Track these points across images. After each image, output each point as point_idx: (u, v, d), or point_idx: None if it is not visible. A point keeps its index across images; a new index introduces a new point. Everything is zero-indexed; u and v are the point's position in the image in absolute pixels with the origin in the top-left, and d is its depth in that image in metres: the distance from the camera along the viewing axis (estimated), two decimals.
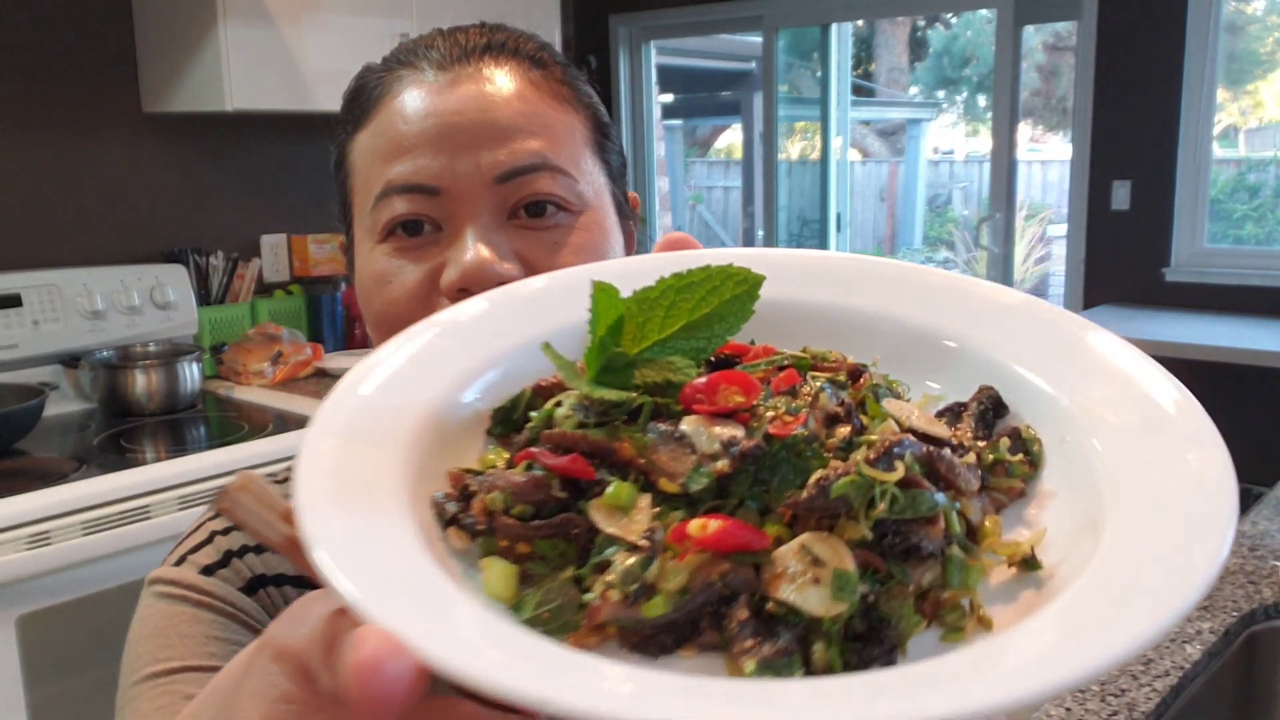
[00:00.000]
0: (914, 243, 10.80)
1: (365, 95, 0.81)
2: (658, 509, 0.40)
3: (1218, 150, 5.61)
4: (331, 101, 0.88)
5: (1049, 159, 10.71)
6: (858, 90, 10.24)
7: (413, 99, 0.77)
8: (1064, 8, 5.65)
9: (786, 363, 0.47)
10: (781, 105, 6.93)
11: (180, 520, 2.28)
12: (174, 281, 3.08)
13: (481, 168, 0.75)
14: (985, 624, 0.40)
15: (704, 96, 10.87)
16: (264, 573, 0.80)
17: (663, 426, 0.42)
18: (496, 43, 0.81)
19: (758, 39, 6.86)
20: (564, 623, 0.38)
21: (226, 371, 3.16)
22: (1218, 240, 5.45)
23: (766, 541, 0.38)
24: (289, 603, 0.77)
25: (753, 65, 9.20)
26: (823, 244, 7.13)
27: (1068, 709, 1.23)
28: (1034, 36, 9.57)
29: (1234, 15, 5.63)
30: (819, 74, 7.16)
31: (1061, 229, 6.67)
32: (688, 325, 0.46)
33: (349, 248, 0.85)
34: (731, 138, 11.77)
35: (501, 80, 0.78)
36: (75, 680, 2.24)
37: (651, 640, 0.38)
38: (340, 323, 3.52)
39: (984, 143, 9.24)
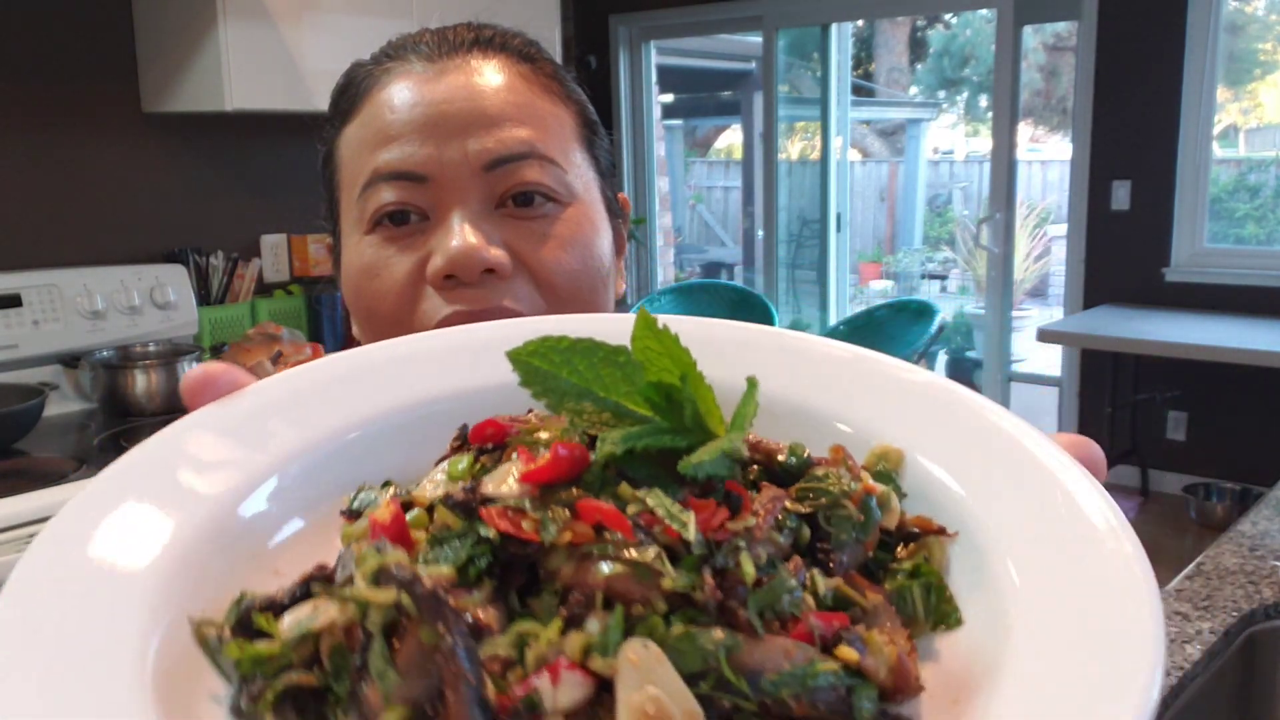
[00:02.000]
0: (914, 243, 10.80)
1: (353, 89, 0.80)
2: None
3: (1218, 150, 5.61)
4: None
5: (1049, 159, 10.71)
6: (858, 90, 10.24)
7: (400, 89, 0.76)
8: (1064, 8, 5.65)
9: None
10: (781, 105, 6.93)
11: None
12: (174, 281, 3.08)
13: (469, 155, 0.74)
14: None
15: (704, 96, 10.87)
16: None
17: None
18: (485, 38, 0.80)
19: (758, 39, 6.86)
20: None
21: None
22: (1218, 240, 5.45)
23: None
24: None
25: (753, 65, 9.20)
26: (822, 244, 7.13)
27: None
28: (1034, 37, 9.57)
29: (1234, 15, 5.63)
30: (819, 74, 7.16)
31: (1061, 229, 6.67)
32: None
33: (335, 245, 0.83)
34: (731, 138, 11.77)
35: (490, 72, 0.77)
36: None
37: None
38: (340, 323, 3.51)
39: (984, 143, 9.24)
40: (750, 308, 6.92)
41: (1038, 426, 0.44)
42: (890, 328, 6.47)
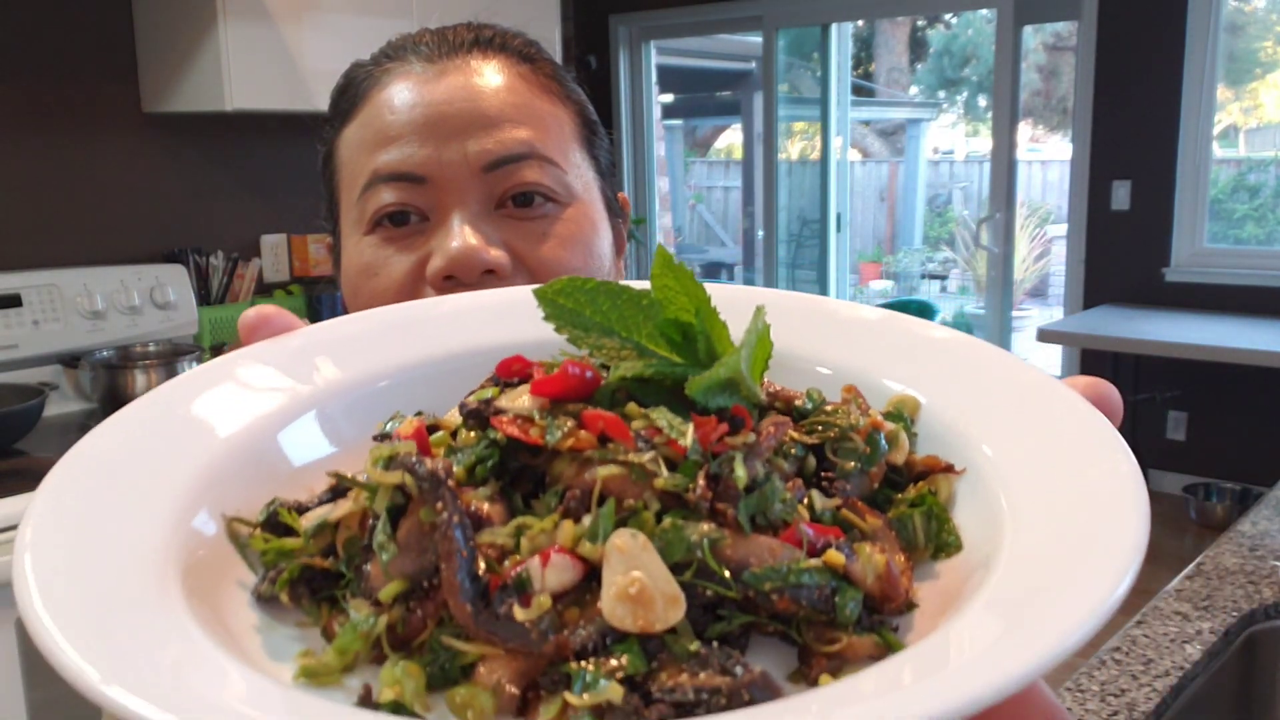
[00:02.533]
0: (914, 243, 10.80)
1: (352, 90, 0.80)
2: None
3: (1218, 150, 5.61)
4: None
5: (1049, 159, 10.71)
6: (858, 90, 10.24)
7: (400, 90, 0.76)
8: (1064, 8, 5.65)
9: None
10: (781, 105, 6.93)
11: None
12: (174, 281, 3.08)
13: (469, 156, 0.74)
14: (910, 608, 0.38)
15: (704, 96, 10.87)
16: None
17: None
18: (484, 38, 0.80)
19: (758, 39, 6.86)
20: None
21: None
22: (1218, 240, 5.45)
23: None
24: None
25: (753, 65, 9.20)
26: (823, 244, 7.13)
27: (1068, 709, 1.23)
28: (1034, 37, 9.57)
29: (1234, 14, 5.64)
30: (819, 74, 7.16)
31: (1061, 229, 6.67)
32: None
33: (335, 245, 0.83)
34: (731, 138, 11.78)
35: (489, 72, 0.78)
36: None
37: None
38: None
39: (984, 143, 9.24)
40: None
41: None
42: None
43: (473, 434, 0.42)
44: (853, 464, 0.42)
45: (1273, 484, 2.02)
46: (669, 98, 10.31)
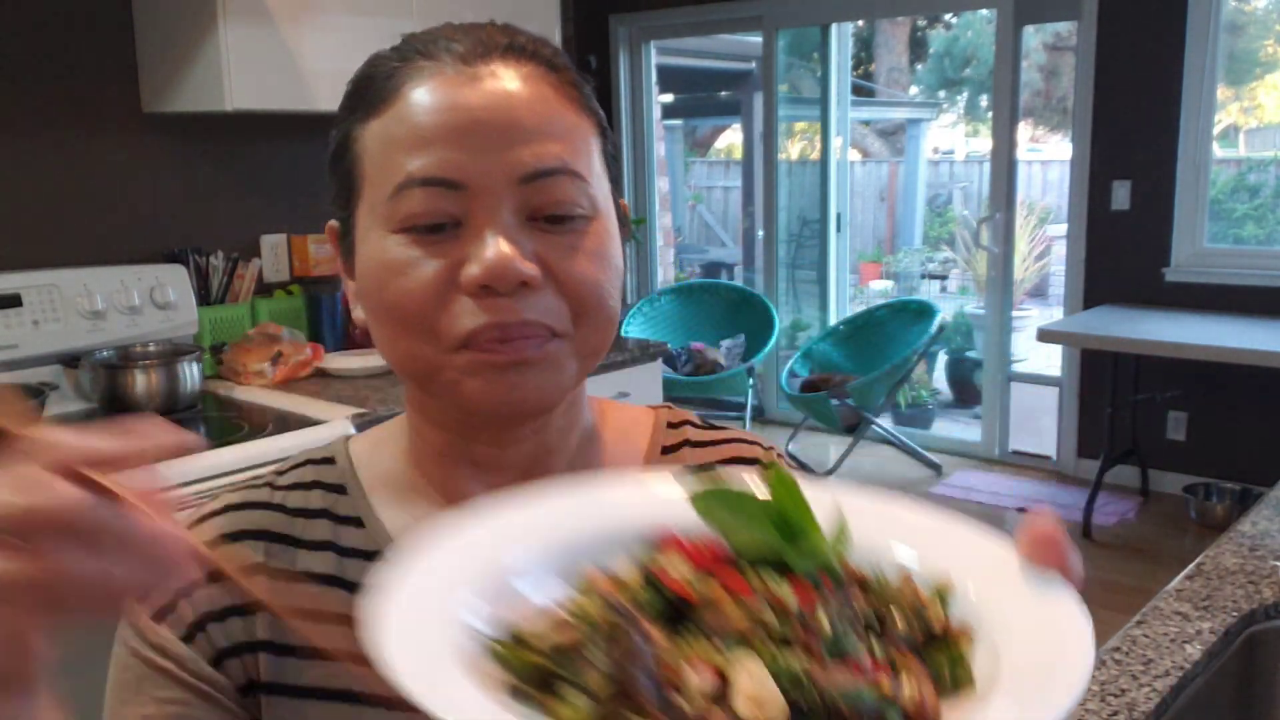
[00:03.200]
0: (914, 243, 10.80)
1: (379, 82, 0.80)
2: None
3: (1218, 150, 5.62)
4: (331, 101, 0.87)
5: (1049, 159, 10.72)
6: (858, 90, 10.24)
7: (434, 90, 0.76)
8: (1064, 8, 5.65)
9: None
10: (781, 105, 6.93)
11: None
12: (174, 281, 3.08)
13: (506, 165, 0.74)
14: None
15: (704, 96, 10.88)
16: (207, 610, 0.82)
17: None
18: (518, 44, 0.80)
19: (758, 39, 6.86)
20: None
21: (226, 371, 3.15)
22: (1218, 240, 5.46)
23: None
24: (225, 638, 0.81)
25: (753, 65, 9.20)
26: (822, 244, 7.13)
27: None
28: (1034, 37, 9.57)
29: (1234, 14, 5.64)
30: (819, 74, 7.16)
31: (1061, 229, 6.67)
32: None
33: (345, 235, 0.83)
34: (731, 138, 11.79)
35: (523, 81, 0.78)
36: (73, 682, 2.24)
37: None
38: (340, 323, 3.51)
39: (984, 143, 9.25)
40: (750, 308, 6.93)
41: (1038, 426, 0.54)
42: (890, 328, 6.47)
43: (645, 584, 0.58)
44: (902, 625, 0.57)
45: (1273, 484, 2.02)
46: (669, 98, 10.31)
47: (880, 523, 0.67)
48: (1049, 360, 6.18)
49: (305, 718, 0.81)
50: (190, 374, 2.86)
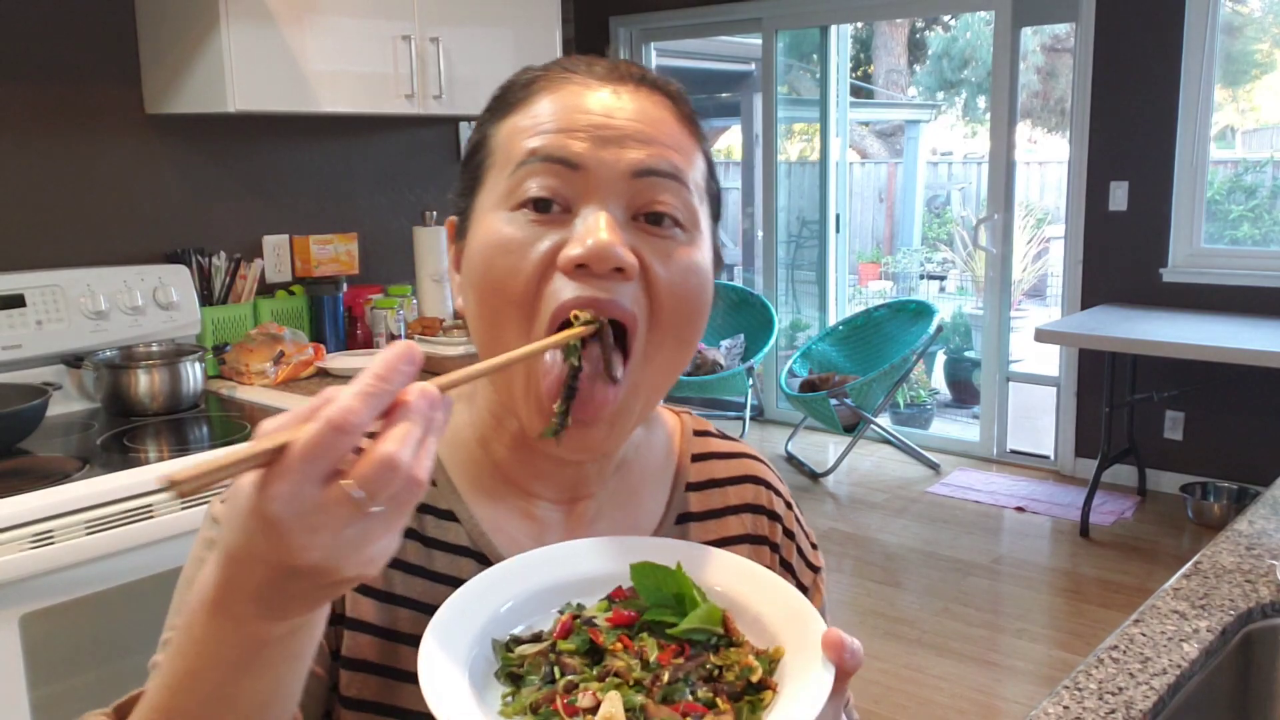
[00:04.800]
0: (912, 244, 10.81)
1: (523, 87, 0.86)
2: None
3: (1215, 151, 5.63)
4: (333, 103, 0.92)
5: (1047, 160, 10.72)
6: (856, 92, 10.25)
7: (573, 93, 0.83)
8: (1062, 10, 5.66)
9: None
10: (781, 106, 6.94)
11: (182, 520, 2.29)
12: (176, 282, 3.09)
13: (622, 158, 0.80)
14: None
15: (704, 98, 10.87)
16: None
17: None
18: (649, 78, 0.87)
19: (757, 41, 6.87)
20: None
21: (229, 371, 3.16)
22: (1214, 240, 5.47)
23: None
24: None
25: (752, 67, 9.21)
26: (821, 244, 7.14)
27: (1065, 707, 1.24)
28: (1032, 38, 9.58)
29: (1231, 16, 5.65)
30: (818, 75, 7.17)
31: (1059, 229, 6.68)
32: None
33: (460, 226, 0.88)
34: (731, 139, 11.78)
35: (652, 104, 0.85)
36: (78, 679, 2.25)
37: None
38: (342, 323, 3.52)
39: (982, 144, 9.25)
40: (750, 308, 6.94)
41: (1036, 426, 0.58)
42: (889, 328, 6.48)
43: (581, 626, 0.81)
44: (731, 677, 0.76)
45: (1270, 483, 2.04)
46: None
47: (754, 588, 0.85)
48: (1047, 360, 6.19)
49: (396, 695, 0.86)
50: (193, 374, 2.87)
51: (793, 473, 6.06)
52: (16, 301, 2.79)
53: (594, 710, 0.72)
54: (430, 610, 0.76)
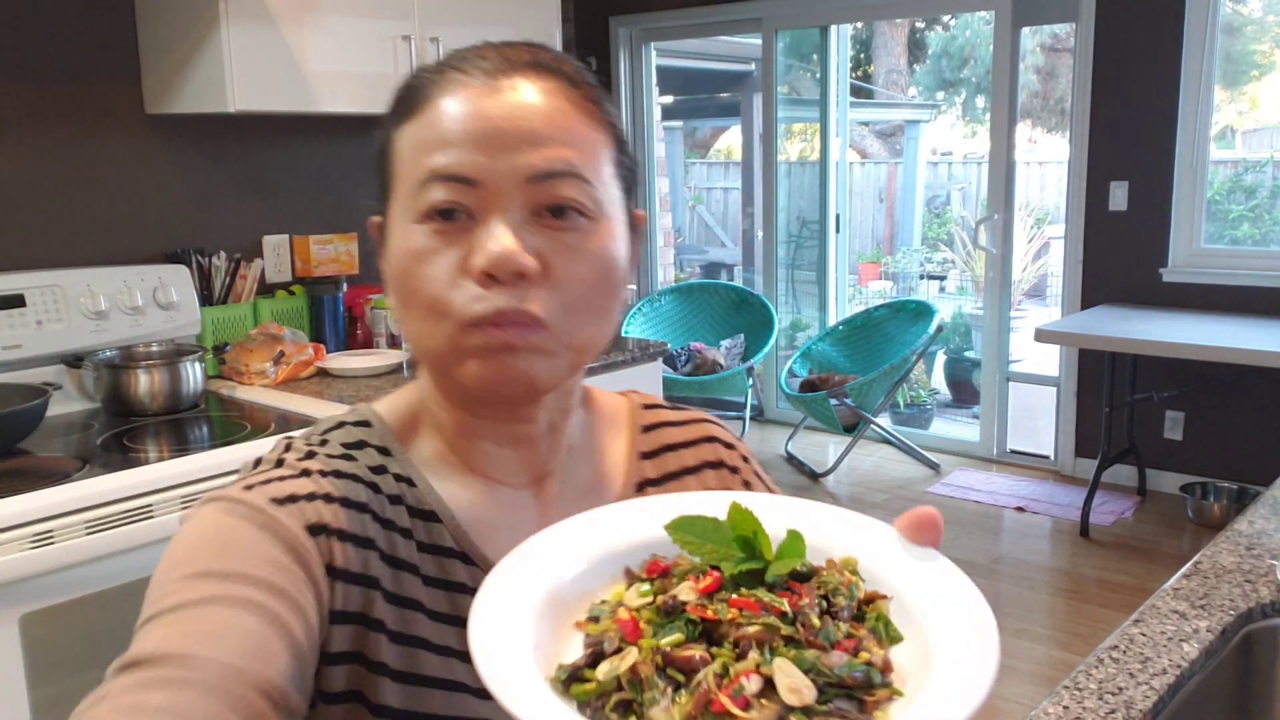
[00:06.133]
0: (912, 244, 10.81)
1: (416, 92, 0.88)
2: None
3: (1215, 151, 5.63)
4: (333, 102, 0.93)
5: (1047, 160, 10.72)
6: (856, 92, 10.25)
7: (461, 100, 0.85)
8: (1062, 9, 5.66)
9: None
10: (781, 106, 6.94)
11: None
12: (176, 282, 3.09)
13: (516, 167, 0.83)
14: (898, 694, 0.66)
15: (704, 98, 10.88)
16: (330, 524, 0.84)
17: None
18: (542, 61, 0.89)
19: (757, 41, 6.87)
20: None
21: (229, 371, 3.16)
22: (1214, 240, 5.47)
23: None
24: (341, 557, 0.83)
25: (752, 67, 9.21)
26: (821, 244, 7.14)
27: (1065, 707, 1.25)
28: (1031, 38, 9.58)
29: (1231, 17, 5.65)
30: (818, 75, 7.17)
31: (1059, 229, 6.67)
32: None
33: (384, 225, 0.91)
34: (731, 139, 11.79)
35: (542, 94, 0.86)
36: (78, 679, 2.25)
37: None
38: (342, 323, 3.52)
39: (982, 144, 9.25)
40: (750, 308, 6.94)
41: (1036, 426, 0.59)
42: (889, 328, 6.49)
43: (656, 616, 0.71)
44: (843, 600, 0.71)
45: (1270, 483, 2.04)
46: (669, 99, 10.32)
47: (790, 519, 0.79)
48: (1047, 360, 6.19)
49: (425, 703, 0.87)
50: (193, 374, 2.87)
51: (793, 473, 6.06)
52: (16, 301, 2.79)
53: (764, 694, 0.63)
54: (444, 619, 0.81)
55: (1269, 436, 5.07)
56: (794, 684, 0.64)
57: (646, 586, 0.73)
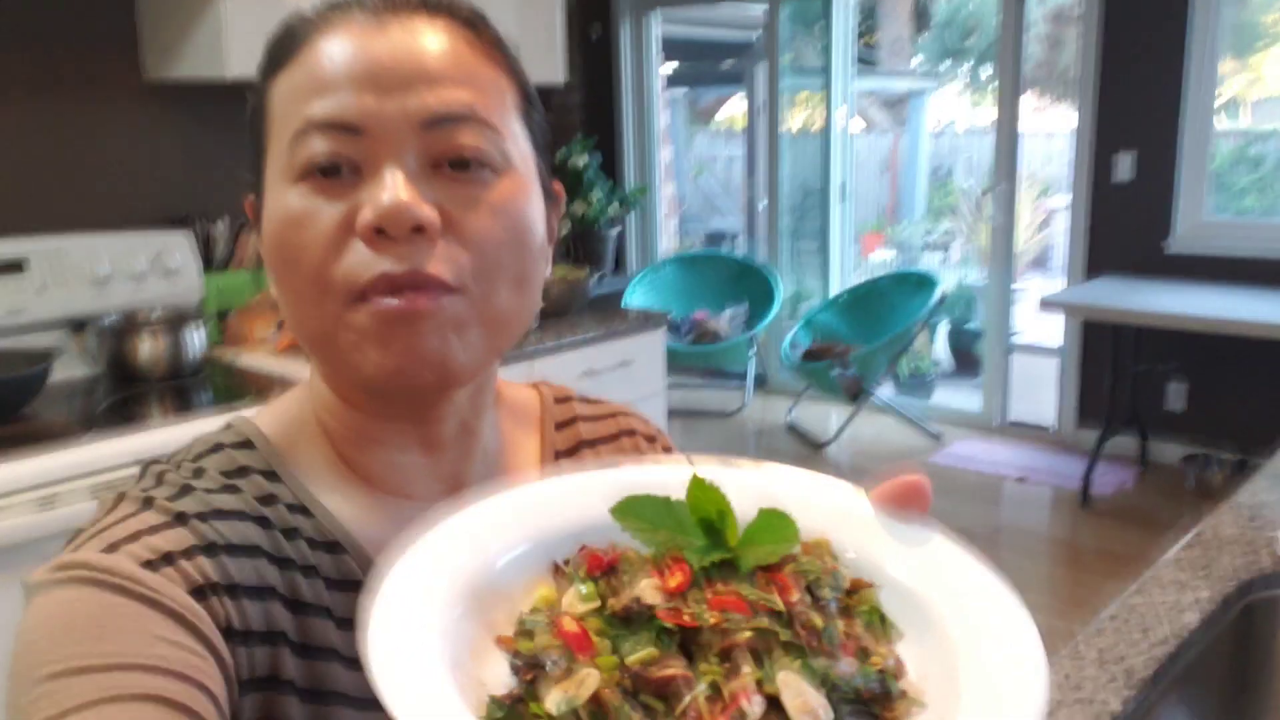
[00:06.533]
0: (916, 214, 10.78)
1: (289, 39, 0.76)
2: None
3: (1221, 122, 5.60)
4: None
5: (1052, 130, 10.67)
6: (861, 61, 10.19)
7: (340, 39, 0.73)
8: None
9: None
10: (785, 75, 6.91)
11: None
12: (179, 248, 3.08)
13: (408, 111, 0.71)
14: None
15: (707, 66, 10.82)
16: (218, 581, 0.69)
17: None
18: (431, 0, 0.77)
19: (761, 8, 6.83)
20: None
21: (231, 337, 3.16)
22: (1219, 212, 5.45)
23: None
24: (238, 617, 0.69)
25: (756, 35, 9.16)
26: (824, 214, 7.12)
27: (1066, 676, 1.25)
28: (1037, 8, 9.51)
29: None
30: (822, 44, 7.12)
31: (1063, 200, 6.65)
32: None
33: (256, 203, 0.78)
34: (734, 108, 11.73)
35: (434, 32, 0.74)
36: None
37: None
38: None
39: (987, 114, 9.21)
40: (752, 277, 6.93)
41: (1039, 396, 0.54)
42: (892, 298, 6.48)
43: (606, 627, 0.57)
44: (829, 591, 0.60)
45: (1272, 454, 2.04)
46: (672, 67, 10.26)
47: (755, 493, 0.66)
48: (1050, 331, 6.19)
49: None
50: (195, 340, 2.87)
51: (795, 442, 6.07)
52: (18, 266, 2.79)
53: (768, 718, 0.52)
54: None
55: (1272, 408, 5.07)
56: (807, 702, 0.52)
57: (587, 587, 0.59)
